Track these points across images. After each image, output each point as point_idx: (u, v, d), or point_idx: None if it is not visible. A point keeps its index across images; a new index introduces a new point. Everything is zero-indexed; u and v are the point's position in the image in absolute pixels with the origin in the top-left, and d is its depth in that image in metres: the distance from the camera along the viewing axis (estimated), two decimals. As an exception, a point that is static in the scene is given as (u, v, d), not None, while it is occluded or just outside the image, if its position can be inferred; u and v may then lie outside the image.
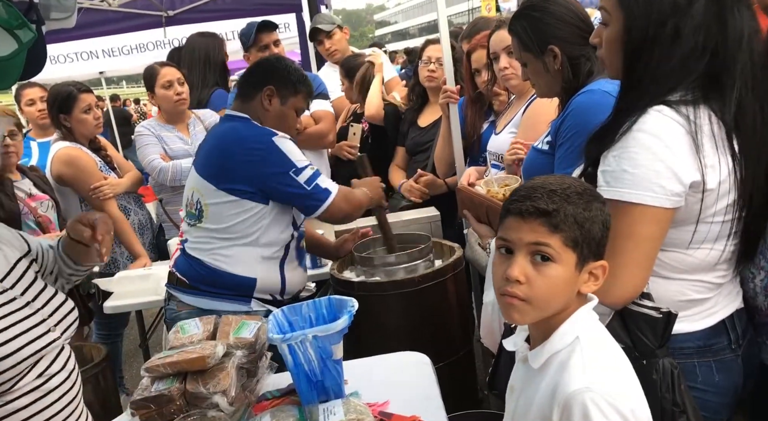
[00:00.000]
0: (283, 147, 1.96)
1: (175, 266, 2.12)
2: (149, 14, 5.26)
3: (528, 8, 1.70)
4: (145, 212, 3.20)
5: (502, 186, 1.91)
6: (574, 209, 0.99)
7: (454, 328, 2.24)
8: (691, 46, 1.14)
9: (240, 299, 2.05)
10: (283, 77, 2.07)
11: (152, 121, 3.14)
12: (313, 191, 1.97)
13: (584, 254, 1.00)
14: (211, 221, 2.01)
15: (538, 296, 1.00)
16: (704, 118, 1.14)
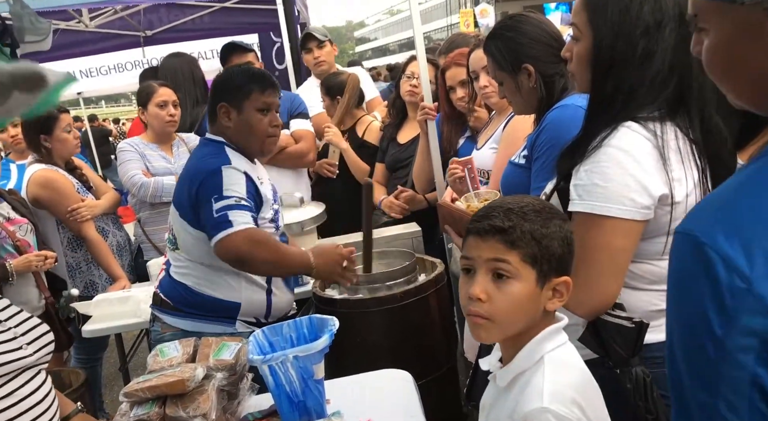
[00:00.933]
0: (225, 175, 1.88)
1: (159, 287, 2.10)
2: (127, 34, 5.26)
3: (501, 28, 1.74)
4: (123, 233, 3.17)
5: (482, 201, 1.92)
6: (531, 226, 1.01)
7: (437, 343, 2.24)
8: (659, 67, 1.18)
9: (225, 321, 2.03)
10: (227, 88, 2.02)
11: (136, 139, 3.13)
12: (218, 220, 1.82)
13: (544, 271, 1.01)
14: (183, 248, 2.00)
15: (500, 313, 1.01)
16: (671, 133, 1.18)
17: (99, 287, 2.92)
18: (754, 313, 0.60)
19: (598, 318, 1.18)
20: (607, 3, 1.21)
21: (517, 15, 1.79)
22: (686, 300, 0.67)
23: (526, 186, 1.66)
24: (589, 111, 1.26)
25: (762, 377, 0.60)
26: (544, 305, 1.03)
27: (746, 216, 0.64)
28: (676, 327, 0.68)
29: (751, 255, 0.60)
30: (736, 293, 0.61)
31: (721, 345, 0.62)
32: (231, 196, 1.85)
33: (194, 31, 5.29)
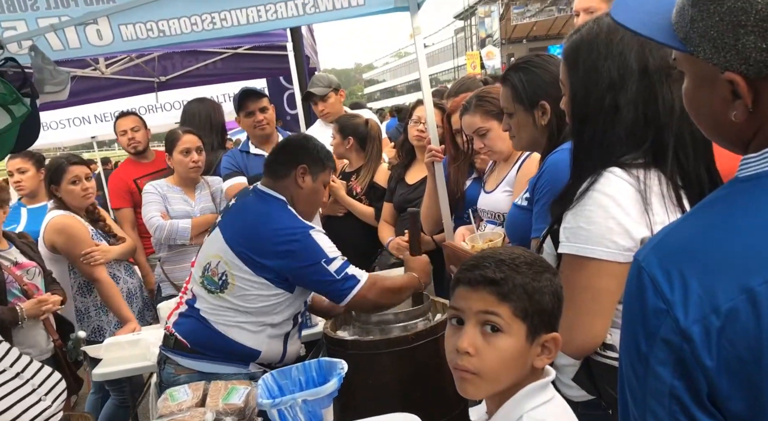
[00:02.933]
0: (318, 240, 2.03)
1: (175, 327, 2.11)
2: (141, 80, 5.39)
3: (528, 63, 1.78)
4: (135, 280, 3.21)
5: (486, 241, 1.94)
6: (523, 279, 0.99)
7: (447, 386, 2.18)
8: (633, 117, 1.22)
9: (240, 364, 2.07)
10: (312, 155, 2.19)
11: (161, 182, 3.24)
12: (343, 279, 2.03)
13: (535, 326, 0.99)
14: (234, 294, 2.04)
15: (488, 368, 0.97)
16: (654, 179, 1.21)
17: (107, 333, 2.93)
18: (671, 332, 0.68)
19: (590, 358, 1.19)
20: (578, 59, 1.27)
21: (544, 54, 1.85)
22: (626, 321, 0.75)
23: (529, 228, 1.67)
24: (573, 159, 1.31)
25: (677, 388, 0.68)
26: (533, 361, 1.01)
27: (675, 245, 0.72)
28: (622, 348, 0.76)
29: (673, 281, 0.69)
30: (658, 313, 0.69)
31: (646, 361, 0.70)
32: (336, 256, 2.04)
33: (206, 76, 5.42)
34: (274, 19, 2.56)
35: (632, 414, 0.73)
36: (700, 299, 0.67)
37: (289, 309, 2.09)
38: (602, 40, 1.24)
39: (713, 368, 0.66)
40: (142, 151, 3.85)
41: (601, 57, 1.23)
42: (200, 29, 2.52)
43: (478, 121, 2.24)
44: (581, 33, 1.28)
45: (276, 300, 2.04)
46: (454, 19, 35.80)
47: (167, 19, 2.47)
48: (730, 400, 0.66)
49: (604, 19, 1.26)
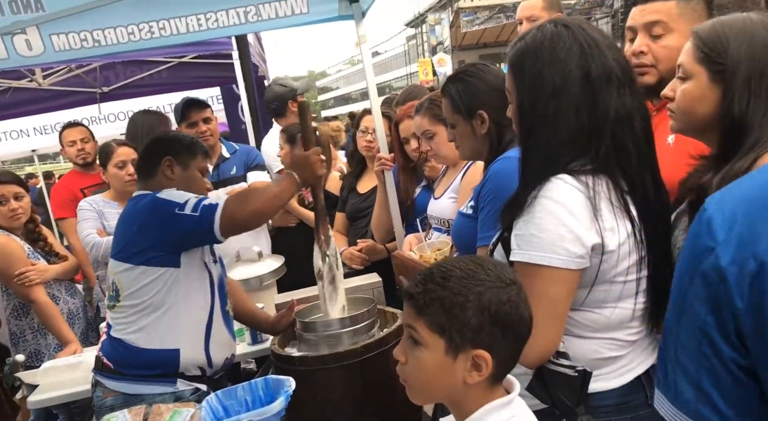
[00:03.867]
0: (165, 195, 1.96)
1: (101, 350, 2.07)
2: (83, 91, 5.22)
3: (463, 73, 1.81)
4: (77, 300, 3.07)
5: (434, 250, 1.93)
6: (442, 293, 0.97)
7: (399, 398, 2.16)
8: (577, 124, 1.22)
9: (165, 381, 1.97)
10: (176, 145, 2.11)
11: (97, 197, 3.11)
12: (202, 212, 1.89)
13: (455, 341, 0.97)
14: (125, 296, 1.98)
15: (412, 378, 1.01)
16: (602, 185, 1.21)
17: (45, 357, 2.81)
18: (711, 269, 0.75)
19: (544, 367, 1.18)
20: (523, 67, 1.27)
21: (479, 63, 1.85)
22: (681, 260, 0.83)
23: (475, 236, 1.67)
24: (521, 166, 1.31)
25: (709, 324, 0.76)
26: (464, 377, 0.99)
27: (739, 192, 0.80)
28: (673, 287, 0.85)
29: (725, 223, 0.75)
30: (704, 251, 0.77)
31: (684, 295, 0.80)
32: (189, 198, 1.92)
33: (152, 86, 5.29)
34: (216, 28, 2.51)
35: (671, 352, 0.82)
36: (744, 242, 0.73)
37: (189, 295, 1.98)
38: (546, 47, 1.25)
39: (742, 309, 0.72)
40: (90, 162, 3.73)
41: (545, 64, 1.24)
42: (138, 39, 2.45)
43: (426, 124, 2.25)
44: (525, 41, 1.29)
45: (163, 281, 1.94)
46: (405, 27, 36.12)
47: (102, 28, 2.39)
48: (750, 341, 0.73)
49: (547, 27, 1.27)
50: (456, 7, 20.96)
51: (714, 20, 1.28)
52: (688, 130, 1.33)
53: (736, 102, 1.18)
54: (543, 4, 2.83)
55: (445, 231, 2.32)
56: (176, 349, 1.96)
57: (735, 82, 1.19)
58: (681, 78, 1.29)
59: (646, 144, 1.27)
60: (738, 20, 1.22)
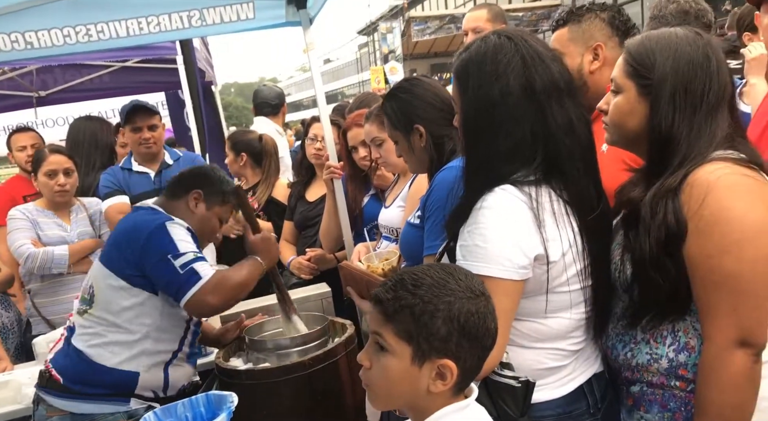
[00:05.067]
0: (173, 231, 1.90)
1: (52, 362, 1.95)
2: (18, 95, 5.00)
3: (397, 90, 1.84)
4: (11, 313, 2.92)
5: (382, 260, 1.92)
6: (413, 300, 0.97)
7: (348, 409, 2.15)
8: (520, 135, 1.23)
9: (118, 400, 1.89)
10: (213, 184, 2.11)
11: (30, 206, 2.96)
12: (186, 275, 1.83)
13: (423, 349, 0.97)
14: (100, 304, 1.91)
15: (375, 383, 1.01)
16: (545, 196, 1.23)
17: (-23, 373, 2.63)
18: None
19: (488, 378, 1.18)
20: (467, 78, 1.28)
21: (412, 78, 1.88)
22: None
23: (422, 245, 1.67)
24: (464, 176, 1.31)
25: None
26: (428, 385, 0.99)
27: None
28: None
29: None
30: None
31: None
32: (188, 251, 1.87)
33: (93, 91, 5.12)
34: (157, 32, 2.44)
35: None
36: None
37: (163, 326, 1.93)
38: (488, 58, 1.25)
39: None
40: None
41: (488, 75, 1.24)
42: (74, 41, 2.35)
43: (374, 131, 2.25)
44: (470, 52, 1.30)
45: (142, 307, 1.89)
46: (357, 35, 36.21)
47: (35, 30, 2.29)
48: None
49: (490, 38, 1.28)
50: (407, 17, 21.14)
51: (643, 35, 1.32)
52: (621, 143, 1.36)
53: (662, 116, 1.22)
54: (488, 15, 2.87)
55: (395, 240, 2.31)
56: (136, 372, 1.90)
57: (661, 96, 1.22)
58: (614, 91, 1.32)
59: (590, 152, 1.30)
60: (664, 35, 1.26)
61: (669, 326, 1.25)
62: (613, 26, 1.74)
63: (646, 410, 1.28)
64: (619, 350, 1.32)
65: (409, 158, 1.79)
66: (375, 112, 2.25)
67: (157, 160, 3.19)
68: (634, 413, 1.31)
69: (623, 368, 1.31)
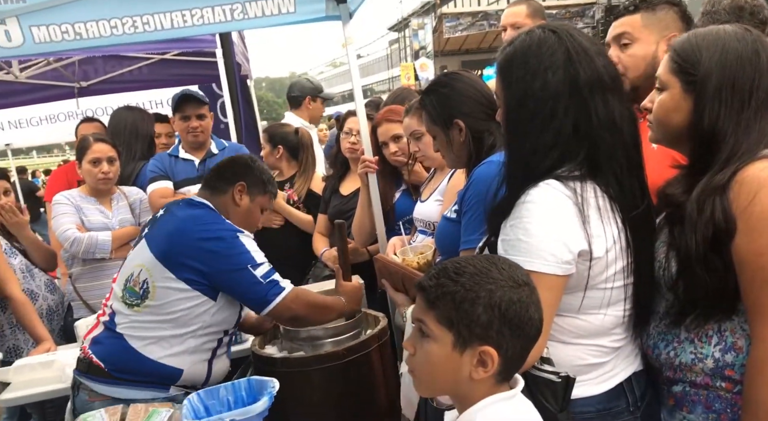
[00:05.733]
0: (246, 243, 1.95)
1: (91, 349, 1.98)
2: (60, 85, 5.13)
3: (436, 84, 1.83)
4: (56, 297, 3.00)
5: (417, 254, 1.93)
6: (454, 288, 0.99)
7: (380, 401, 2.18)
8: (564, 129, 1.23)
9: (159, 387, 1.94)
10: (255, 176, 2.14)
11: (74, 192, 3.04)
12: (268, 285, 1.93)
13: (463, 336, 0.99)
14: (155, 303, 1.92)
15: (418, 369, 1.03)
16: (590, 191, 1.22)
17: (23, 352, 2.73)
18: None
19: (528, 372, 1.18)
20: (511, 72, 1.28)
21: (452, 73, 1.87)
22: None
23: (458, 240, 1.68)
24: (507, 170, 1.31)
25: None
26: (470, 372, 1.00)
27: None
28: None
29: None
30: None
31: None
32: (264, 262, 1.95)
33: (132, 82, 5.23)
34: (201, 25, 2.48)
35: None
36: None
37: (214, 322, 1.97)
38: (533, 53, 1.25)
39: None
40: None
41: (532, 70, 1.24)
42: (121, 33, 2.41)
43: (414, 124, 2.26)
44: (514, 46, 1.29)
45: (198, 308, 1.93)
46: (388, 31, 36.17)
47: (84, 21, 2.35)
48: None
49: (535, 32, 1.28)
50: (439, 13, 21.04)
51: (690, 32, 1.31)
52: (665, 141, 1.35)
53: (707, 112, 1.21)
54: (527, 11, 2.86)
55: (431, 234, 2.32)
56: (180, 369, 1.94)
57: (706, 92, 1.21)
58: (658, 89, 1.31)
59: (635, 150, 1.29)
60: (712, 32, 1.25)
61: (715, 326, 1.24)
62: (684, 21, 1.73)
63: (689, 410, 1.27)
64: (661, 348, 1.31)
65: (446, 153, 1.79)
66: (415, 106, 2.27)
67: (203, 149, 3.29)
68: (676, 413, 1.30)
69: (665, 368, 1.31)
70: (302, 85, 4.06)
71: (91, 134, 3.15)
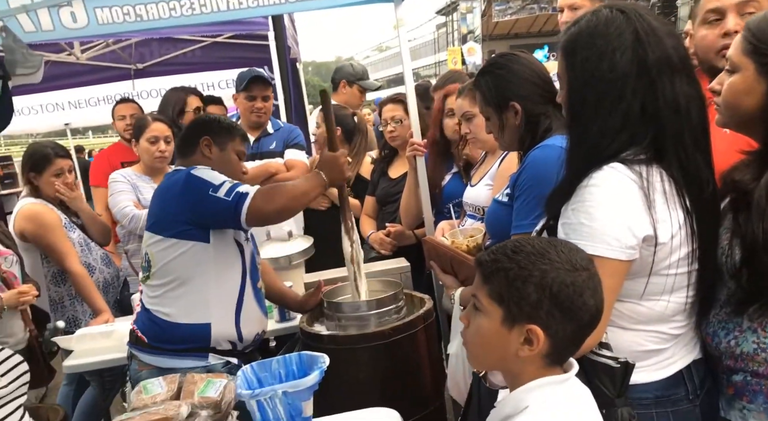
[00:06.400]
0: (200, 173, 1.98)
1: (135, 323, 2.10)
2: (118, 67, 5.28)
3: (492, 65, 1.80)
4: (112, 270, 3.13)
5: (467, 237, 1.93)
6: (509, 264, 1.00)
7: (425, 381, 2.20)
8: (631, 111, 1.20)
9: (198, 355, 2.01)
10: (215, 126, 2.16)
11: (128, 171, 3.15)
12: (233, 200, 1.90)
13: (512, 313, 1.00)
14: (156, 268, 2.01)
15: (470, 342, 1.07)
16: (656, 175, 1.19)
17: (82, 323, 2.86)
18: None
19: (585, 357, 1.17)
20: (576, 53, 1.25)
21: (509, 54, 1.83)
22: None
23: (509, 224, 1.67)
24: (569, 153, 1.29)
25: None
26: (516, 349, 1.01)
27: None
28: None
29: None
30: None
31: None
32: (224, 181, 1.94)
33: (185, 65, 5.33)
34: (255, 6, 2.52)
35: None
36: None
37: (220, 270, 2.01)
38: (600, 33, 1.22)
39: None
40: None
41: (600, 50, 1.21)
42: (179, 15, 2.47)
43: (466, 105, 2.25)
44: (580, 26, 1.26)
45: (192, 255, 1.97)
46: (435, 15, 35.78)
47: (145, 3, 2.42)
48: None
49: (602, 12, 1.24)
50: (488, -4, 20.71)
51: (766, 11, 1.25)
52: (734, 125, 1.30)
53: None
54: (585, -9, 2.78)
55: (480, 219, 2.32)
56: (207, 323, 2.00)
57: None
58: (728, 71, 1.26)
59: (702, 133, 1.25)
60: None
61: None
62: None
63: (749, 400, 1.25)
64: (721, 337, 1.28)
65: (499, 135, 1.77)
66: (468, 87, 2.25)
67: (260, 128, 3.36)
68: (735, 402, 1.28)
69: (725, 356, 1.28)
70: (342, 69, 4.02)
71: (149, 114, 3.24)
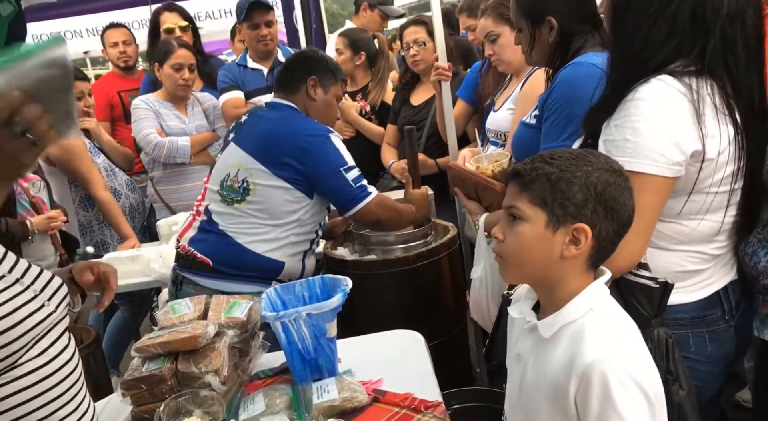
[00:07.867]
0: (338, 145, 2.00)
1: (193, 245, 2.05)
2: (134, -9, 5.15)
3: None
4: (137, 195, 3.15)
5: (492, 162, 1.89)
6: (550, 169, 0.99)
7: (448, 306, 2.23)
8: (679, 20, 1.13)
9: (262, 282, 1.99)
10: (323, 67, 2.13)
11: (150, 97, 3.09)
12: (357, 190, 2.01)
13: (557, 214, 0.99)
14: (256, 201, 1.98)
15: (509, 252, 1.04)
16: (706, 88, 1.13)
17: (110, 247, 2.92)
18: None
19: (622, 277, 1.15)
20: None
21: None
22: None
23: (537, 147, 1.62)
24: (612, 65, 1.23)
25: None
26: (561, 250, 1.00)
27: None
28: None
29: None
30: None
31: None
32: (354, 166, 2.02)
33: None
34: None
35: None
36: None
37: (308, 219, 2.04)
38: None
39: None
40: (131, 66, 3.73)
41: None
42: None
43: (490, 25, 2.16)
44: None
45: (297, 205, 1.99)
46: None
47: None
48: None
49: None
50: None
51: None
52: None
53: None
54: None
55: (502, 145, 2.26)
56: (282, 262, 2.02)
57: None
58: None
59: (757, 43, 1.17)
60: None
61: None
62: None
63: None
64: (761, 256, 1.25)
65: (529, 49, 1.67)
66: (491, 5, 2.15)
67: (271, 58, 3.24)
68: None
69: (762, 276, 1.25)
70: None
71: (174, 39, 3.16)
